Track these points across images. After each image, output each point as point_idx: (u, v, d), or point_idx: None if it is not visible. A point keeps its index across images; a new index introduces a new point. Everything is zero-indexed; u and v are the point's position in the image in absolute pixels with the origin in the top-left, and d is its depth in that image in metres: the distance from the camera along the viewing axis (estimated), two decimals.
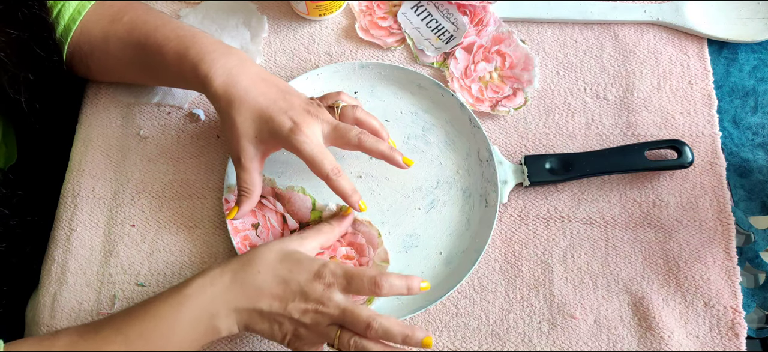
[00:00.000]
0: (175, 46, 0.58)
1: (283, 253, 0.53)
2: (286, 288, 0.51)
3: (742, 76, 0.67)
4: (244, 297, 0.51)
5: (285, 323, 0.51)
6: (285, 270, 0.51)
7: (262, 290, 0.51)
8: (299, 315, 0.50)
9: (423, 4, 0.69)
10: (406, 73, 0.65)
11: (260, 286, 0.51)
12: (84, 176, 0.63)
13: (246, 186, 0.57)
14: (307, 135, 0.55)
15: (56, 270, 0.60)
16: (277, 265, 0.52)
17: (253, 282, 0.51)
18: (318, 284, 0.51)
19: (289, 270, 0.51)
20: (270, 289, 0.51)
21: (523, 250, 0.60)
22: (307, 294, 0.50)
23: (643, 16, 0.68)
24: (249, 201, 0.57)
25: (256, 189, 0.57)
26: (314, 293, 0.50)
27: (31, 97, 0.59)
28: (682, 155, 0.60)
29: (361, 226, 0.60)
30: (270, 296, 0.51)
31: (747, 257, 0.60)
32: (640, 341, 0.57)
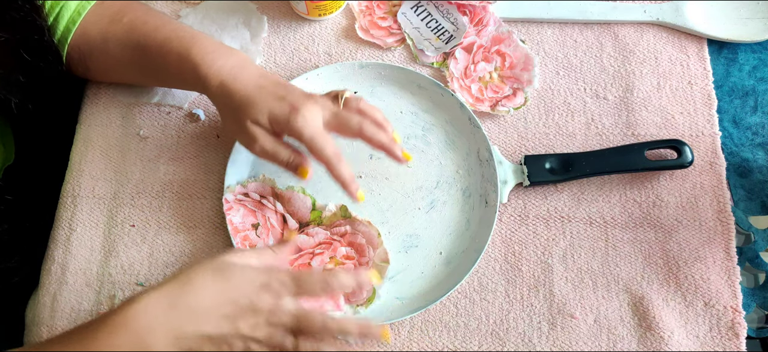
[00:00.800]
0: (175, 47, 0.57)
1: (223, 267, 0.48)
2: (234, 305, 0.47)
3: (741, 76, 0.67)
4: (186, 322, 0.46)
5: (236, 343, 0.47)
6: (230, 287, 0.47)
7: (206, 312, 0.46)
8: (250, 331, 0.47)
9: (423, 4, 0.69)
10: (406, 73, 0.65)
11: (203, 307, 0.46)
12: (84, 176, 0.63)
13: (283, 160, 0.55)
14: (307, 118, 0.53)
15: (56, 270, 0.60)
16: (219, 282, 0.47)
17: (195, 304, 0.46)
18: (266, 295, 0.48)
19: (235, 286, 0.47)
20: (215, 309, 0.46)
21: (523, 250, 0.60)
22: (257, 307, 0.47)
23: (643, 16, 0.68)
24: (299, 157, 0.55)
25: (283, 150, 0.55)
26: (264, 305, 0.47)
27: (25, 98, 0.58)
28: (682, 155, 0.60)
29: (361, 226, 0.60)
30: (217, 317, 0.46)
31: (747, 257, 0.60)
32: (640, 341, 0.57)
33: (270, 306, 0.48)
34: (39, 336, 0.57)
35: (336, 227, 0.60)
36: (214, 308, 0.47)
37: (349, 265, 0.59)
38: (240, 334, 0.47)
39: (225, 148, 0.64)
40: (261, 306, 0.47)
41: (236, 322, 0.47)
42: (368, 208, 0.61)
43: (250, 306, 0.47)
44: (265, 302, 0.48)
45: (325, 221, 0.60)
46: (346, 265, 0.59)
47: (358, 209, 0.61)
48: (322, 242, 0.59)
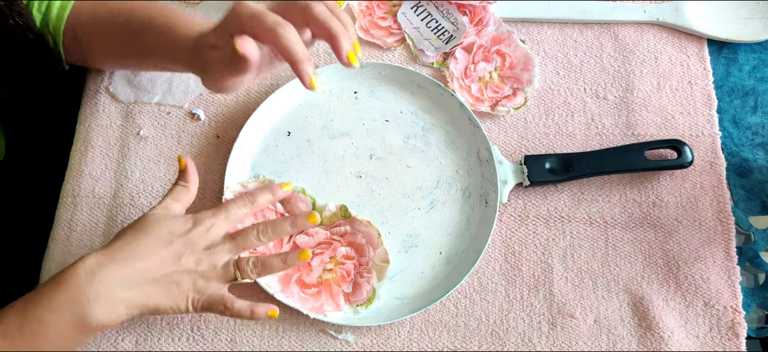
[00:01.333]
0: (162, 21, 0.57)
1: (153, 217, 0.51)
2: (172, 246, 0.49)
3: (741, 76, 0.67)
4: (128, 269, 0.48)
5: (183, 281, 0.49)
6: (164, 231, 0.50)
7: (146, 256, 0.49)
8: (195, 265, 0.50)
9: (423, 4, 0.69)
10: (406, 73, 0.65)
11: (145, 254, 0.49)
12: (84, 176, 0.63)
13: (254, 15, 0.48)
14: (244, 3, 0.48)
15: (56, 270, 0.59)
16: (151, 229, 0.50)
17: (136, 254, 0.48)
18: (200, 227, 0.51)
19: (168, 230, 0.50)
20: (157, 253, 0.49)
21: (523, 250, 0.60)
22: (194, 241, 0.50)
23: (643, 16, 0.68)
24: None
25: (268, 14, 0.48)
26: (200, 237, 0.50)
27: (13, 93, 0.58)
28: (682, 155, 0.60)
29: (361, 226, 0.60)
30: (159, 259, 0.49)
31: (747, 256, 0.60)
32: (640, 341, 0.57)
33: (206, 236, 0.51)
34: None
35: (336, 226, 0.60)
36: (153, 251, 0.49)
37: (349, 265, 0.59)
38: (185, 270, 0.50)
39: (225, 148, 0.64)
40: (197, 239, 0.50)
41: (179, 260, 0.49)
42: (368, 208, 0.61)
43: (187, 241, 0.50)
44: (200, 234, 0.50)
45: (325, 220, 0.60)
46: (345, 265, 0.59)
47: (358, 209, 0.61)
48: (322, 241, 0.59)
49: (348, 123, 0.64)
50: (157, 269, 0.49)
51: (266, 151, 0.63)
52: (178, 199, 0.53)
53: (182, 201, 0.53)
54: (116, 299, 0.47)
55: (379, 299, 0.58)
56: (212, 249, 0.51)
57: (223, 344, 0.57)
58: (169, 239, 0.50)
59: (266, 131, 0.64)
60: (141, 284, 0.48)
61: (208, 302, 0.50)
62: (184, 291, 0.50)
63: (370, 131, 0.64)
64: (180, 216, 0.52)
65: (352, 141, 0.64)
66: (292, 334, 0.57)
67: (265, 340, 0.57)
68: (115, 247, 0.49)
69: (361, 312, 0.57)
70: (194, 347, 0.57)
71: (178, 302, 0.50)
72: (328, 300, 0.57)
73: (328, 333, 0.58)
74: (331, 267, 0.59)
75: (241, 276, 0.51)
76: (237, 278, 0.51)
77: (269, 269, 0.52)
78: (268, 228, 0.53)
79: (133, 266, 0.48)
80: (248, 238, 0.52)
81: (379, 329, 0.58)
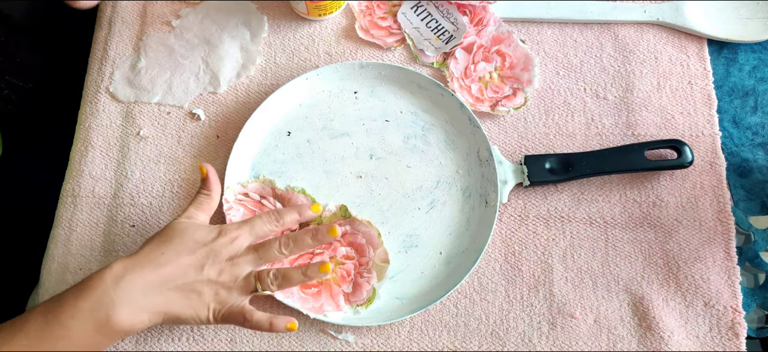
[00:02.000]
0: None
1: (178, 226, 0.51)
2: (196, 255, 0.50)
3: (741, 76, 0.67)
4: (154, 277, 0.48)
5: (204, 290, 0.50)
6: (188, 240, 0.50)
7: (172, 265, 0.49)
8: (216, 276, 0.50)
9: (423, 4, 0.69)
10: (406, 73, 0.65)
11: (169, 261, 0.49)
12: (84, 175, 0.63)
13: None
14: None
15: (56, 270, 0.60)
16: (177, 239, 0.50)
17: (160, 261, 0.49)
18: (223, 238, 0.51)
19: (193, 239, 0.51)
20: (180, 260, 0.49)
21: (523, 250, 0.60)
22: (217, 252, 0.50)
23: (643, 16, 0.68)
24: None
25: None
26: (223, 248, 0.51)
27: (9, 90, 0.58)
28: (682, 155, 0.60)
29: (361, 226, 0.60)
30: (182, 266, 0.49)
31: (747, 257, 0.60)
32: (640, 341, 0.57)
33: (229, 247, 0.51)
34: None
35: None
36: (176, 258, 0.49)
37: (349, 265, 0.59)
38: (207, 279, 0.50)
39: (225, 148, 0.64)
40: (220, 250, 0.51)
41: (201, 269, 0.50)
42: (368, 208, 0.61)
43: (210, 252, 0.50)
44: (223, 245, 0.51)
45: (325, 221, 0.60)
46: (345, 265, 0.59)
47: (358, 209, 0.61)
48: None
49: (348, 123, 0.64)
50: (180, 276, 0.49)
51: (266, 151, 0.63)
52: (202, 208, 0.54)
53: (206, 210, 0.54)
54: (139, 304, 0.48)
55: (379, 299, 0.58)
56: (234, 260, 0.51)
57: (223, 344, 0.57)
58: (193, 247, 0.50)
59: (266, 131, 0.64)
60: (163, 290, 0.49)
61: (229, 313, 0.51)
62: (205, 301, 0.50)
63: (370, 131, 0.64)
64: (205, 226, 0.52)
65: (352, 141, 0.64)
66: (292, 334, 0.57)
67: (264, 340, 0.57)
68: (140, 254, 0.49)
69: (361, 312, 0.57)
70: (194, 347, 0.57)
71: (198, 311, 0.50)
72: (328, 300, 0.57)
73: (328, 333, 0.58)
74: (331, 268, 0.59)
75: (262, 288, 0.51)
76: (257, 290, 0.51)
77: (289, 281, 0.52)
78: (290, 242, 0.53)
79: (156, 272, 0.48)
80: (271, 251, 0.53)
81: (379, 329, 0.58)
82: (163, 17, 0.69)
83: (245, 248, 0.52)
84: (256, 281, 0.51)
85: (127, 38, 0.68)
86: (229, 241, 0.51)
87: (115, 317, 0.47)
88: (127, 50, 0.68)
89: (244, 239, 0.52)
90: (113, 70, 0.67)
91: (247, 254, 0.52)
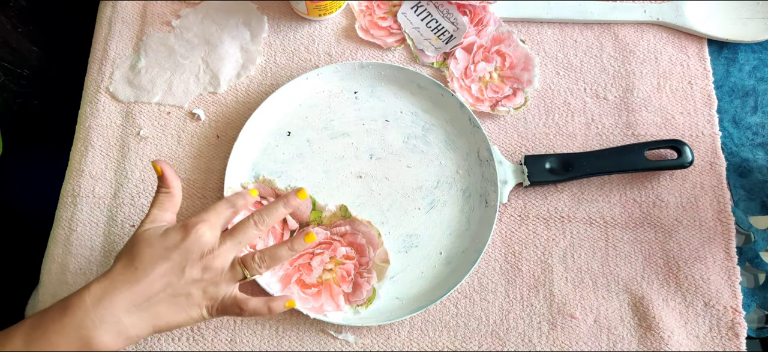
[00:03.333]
0: None
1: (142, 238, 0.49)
2: (171, 260, 0.48)
3: (742, 76, 0.67)
4: (134, 295, 0.47)
5: (192, 291, 0.48)
6: (158, 248, 0.48)
7: (149, 277, 0.47)
8: (201, 273, 0.48)
9: (423, 4, 0.69)
10: (406, 73, 0.65)
11: (146, 275, 0.47)
12: (84, 175, 0.63)
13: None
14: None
15: (56, 270, 0.60)
16: (146, 251, 0.48)
17: (134, 277, 0.47)
18: (192, 235, 0.49)
19: (163, 246, 0.48)
20: (156, 271, 0.47)
21: (523, 250, 0.60)
22: (191, 250, 0.48)
23: (643, 16, 0.68)
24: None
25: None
26: (196, 244, 0.48)
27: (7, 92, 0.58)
28: (682, 155, 0.60)
29: (361, 226, 0.60)
30: (161, 277, 0.47)
31: (747, 257, 0.60)
32: (640, 341, 0.57)
33: (201, 244, 0.49)
34: None
35: (336, 226, 0.60)
36: (152, 271, 0.47)
37: (349, 265, 0.59)
38: (192, 280, 0.48)
39: (225, 148, 0.64)
40: (193, 247, 0.48)
41: (182, 271, 0.48)
42: (368, 208, 0.61)
43: (184, 252, 0.48)
44: (194, 242, 0.48)
45: (325, 221, 0.60)
46: (345, 265, 0.59)
47: (358, 209, 0.61)
48: (322, 242, 0.59)
49: (348, 123, 0.64)
50: (162, 288, 0.47)
51: (266, 151, 0.63)
52: (164, 207, 0.51)
53: (168, 208, 0.52)
54: (124, 324, 0.46)
55: (379, 299, 0.58)
56: (214, 253, 0.49)
57: (223, 344, 0.57)
58: (165, 253, 0.48)
59: (266, 131, 0.64)
60: (148, 306, 0.47)
61: (222, 306, 0.50)
62: (196, 301, 0.49)
63: (370, 131, 0.64)
64: (170, 228, 0.50)
65: (352, 141, 0.64)
66: (292, 334, 0.57)
67: (264, 340, 0.57)
68: (114, 273, 0.48)
69: (361, 312, 0.57)
70: (194, 347, 0.57)
71: (190, 313, 0.49)
72: (328, 300, 0.57)
73: (328, 333, 0.58)
74: (331, 267, 0.59)
75: (250, 273, 0.50)
76: (246, 277, 0.50)
77: (277, 258, 0.51)
78: (263, 215, 0.52)
79: (134, 289, 0.47)
80: (247, 231, 0.51)
81: (379, 329, 0.58)
82: (163, 17, 0.69)
83: (216, 237, 0.50)
84: (242, 268, 0.50)
85: (127, 38, 0.68)
86: (199, 236, 0.49)
87: (97, 339, 0.46)
88: (127, 50, 0.68)
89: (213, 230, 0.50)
90: (113, 70, 0.67)
91: (223, 242, 0.50)
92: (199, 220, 0.50)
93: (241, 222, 0.51)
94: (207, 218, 0.50)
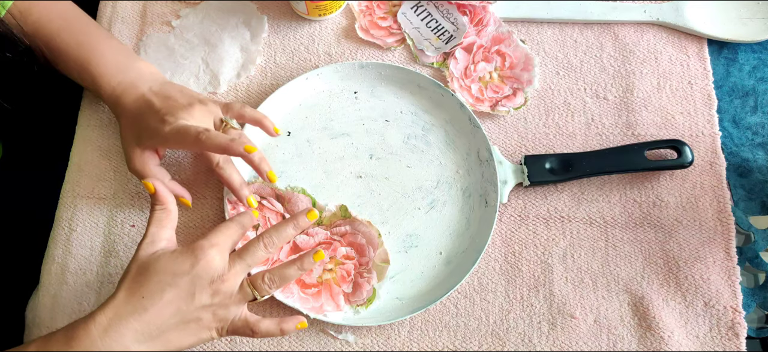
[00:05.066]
0: (74, 56, 0.58)
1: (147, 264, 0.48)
2: (180, 287, 0.47)
3: (741, 76, 0.67)
4: (143, 325, 0.46)
5: (202, 316, 0.48)
6: (166, 274, 0.47)
7: (158, 306, 0.46)
8: (210, 299, 0.48)
9: (423, 4, 0.69)
10: (406, 73, 0.65)
11: (153, 304, 0.46)
12: (84, 175, 0.63)
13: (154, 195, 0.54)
14: (170, 122, 0.54)
15: (56, 270, 0.60)
16: (153, 277, 0.47)
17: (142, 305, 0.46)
18: (202, 261, 0.48)
19: (171, 272, 0.47)
20: (164, 298, 0.46)
21: (523, 250, 0.60)
22: (201, 276, 0.47)
23: (643, 16, 0.68)
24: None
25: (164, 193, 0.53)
26: (206, 271, 0.47)
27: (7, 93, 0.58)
28: (682, 155, 0.60)
29: (361, 226, 0.60)
30: (170, 304, 0.47)
31: (747, 256, 0.60)
32: (640, 341, 0.57)
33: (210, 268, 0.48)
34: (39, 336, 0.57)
35: (336, 226, 0.60)
36: (160, 298, 0.46)
37: (349, 265, 0.59)
38: (202, 305, 0.48)
39: None
40: (201, 273, 0.47)
41: (192, 298, 0.47)
42: (368, 208, 0.61)
43: (193, 279, 0.47)
44: (202, 268, 0.47)
45: (325, 221, 0.60)
46: (346, 265, 0.59)
47: (358, 209, 0.61)
48: (322, 242, 0.59)
49: (348, 123, 0.64)
50: (172, 315, 0.47)
51: (266, 151, 0.63)
52: (162, 224, 0.50)
53: (166, 225, 0.51)
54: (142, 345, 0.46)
55: (379, 299, 0.58)
56: (223, 277, 0.48)
57: (224, 344, 0.57)
58: (173, 280, 0.47)
59: None
60: (158, 334, 0.46)
61: (232, 328, 0.49)
62: (206, 324, 0.48)
63: (370, 131, 0.64)
64: (177, 252, 0.48)
65: (352, 141, 0.64)
66: (292, 334, 0.57)
67: (264, 340, 0.57)
68: (118, 299, 0.46)
69: (361, 312, 0.57)
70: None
71: (201, 336, 0.48)
72: (328, 300, 0.57)
73: (328, 333, 0.58)
74: (331, 267, 0.59)
75: (260, 294, 0.50)
76: (256, 298, 0.50)
77: (286, 278, 0.51)
78: (272, 236, 0.51)
79: (143, 319, 0.46)
80: (256, 253, 0.50)
81: (379, 329, 0.58)
82: (163, 17, 0.69)
83: (225, 259, 0.49)
84: (251, 289, 0.50)
85: (127, 38, 0.68)
86: (208, 262, 0.48)
87: None
88: None
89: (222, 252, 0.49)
90: None
91: (232, 265, 0.49)
92: (208, 244, 0.49)
93: (250, 244, 0.51)
94: (216, 241, 0.49)
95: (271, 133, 0.59)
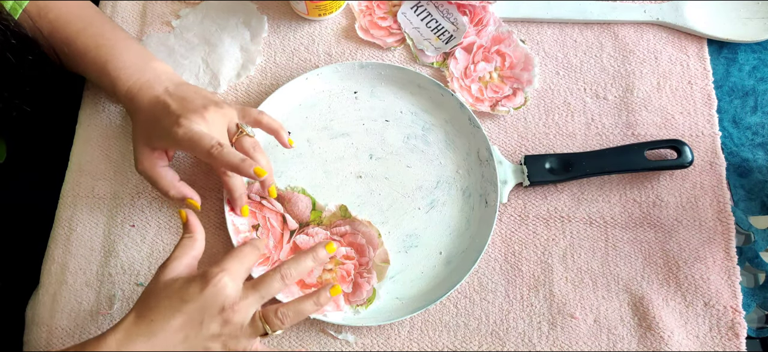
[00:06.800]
0: (93, 57, 0.58)
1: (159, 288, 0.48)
2: (187, 313, 0.47)
3: (741, 76, 0.67)
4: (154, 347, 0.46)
5: (211, 345, 0.47)
6: (174, 300, 0.47)
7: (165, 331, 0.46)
8: (220, 328, 0.47)
9: (423, 4, 0.69)
10: (406, 73, 0.65)
11: (162, 329, 0.46)
12: (84, 175, 0.63)
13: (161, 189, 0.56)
14: (184, 125, 0.53)
15: (56, 270, 0.60)
16: (163, 302, 0.47)
17: (151, 330, 0.46)
18: (210, 288, 0.47)
19: (179, 297, 0.47)
20: (172, 324, 0.46)
21: (523, 250, 0.60)
22: (210, 304, 0.47)
23: (643, 16, 0.68)
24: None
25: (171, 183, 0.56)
26: (216, 298, 0.47)
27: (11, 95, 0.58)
28: (682, 155, 0.60)
29: (361, 226, 0.60)
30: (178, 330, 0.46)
31: (747, 256, 0.60)
32: (640, 341, 0.57)
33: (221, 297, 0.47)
34: (39, 336, 0.57)
35: (336, 226, 0.60)
36: (168, 324, 0.46)
37: (349, 265, 0.59)
38: (211, 335, 0.47)
39: None
40: (210, 300, 0.47)
41: (200, 325, 0.47)
42: (368, 208, 0.61)
43: (202, 306, 0.47)
44: (212, 295, 0.47)
45: (325, 221, 0.60)
46: (346, 265, 0.59)
47: (358, 209, 0.61)
48: (322, 242, 0.59)
49: (348, 123, 0.64)
50: (180, 342, 0.46)
51: (266, 150, 0.63)
52: (186, 251, 0.51)
53: (189, 253, 0.51)
54: None
55: (379, 299, 0.58)
56: (235, 307, 0.48)
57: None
58: (181, 307, 0.47)
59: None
60: None
61: None
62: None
63: (370, 131, 0.64)
64: (189, 278, 0.48)
65: (352, 141, 0.64)
66: (292, 334, 0.57)
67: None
68: (128, 323, 0.47)
69: (361, 312, 0.57)
70: None
71: None
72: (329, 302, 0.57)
73: (328, 333, 0.58)
74: (331, 267, 0.59)
75: (272, 329, 0.49)
76: (267, 332, 0.49)
77: (301, 314, 0.50)
78: (291, 268, 0.51)
79: (150, 342, 0.46)
80: (273, 285, 0.50)
81: (379, 329, 0.58)
82: (163, 17, 0.69)
83: (237, 290, 0.49)
84: (263, 323, 0.49)
85: None
86: (220, 288, 0.48)
87: None
88: None
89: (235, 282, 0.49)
90: None
91: (246, 296, 0.49)
92: (220, 270, 0.48)
93: (267, 275, 0.50)
94: (229, 267, 0.49)
95: (286, 145, 0.58)
